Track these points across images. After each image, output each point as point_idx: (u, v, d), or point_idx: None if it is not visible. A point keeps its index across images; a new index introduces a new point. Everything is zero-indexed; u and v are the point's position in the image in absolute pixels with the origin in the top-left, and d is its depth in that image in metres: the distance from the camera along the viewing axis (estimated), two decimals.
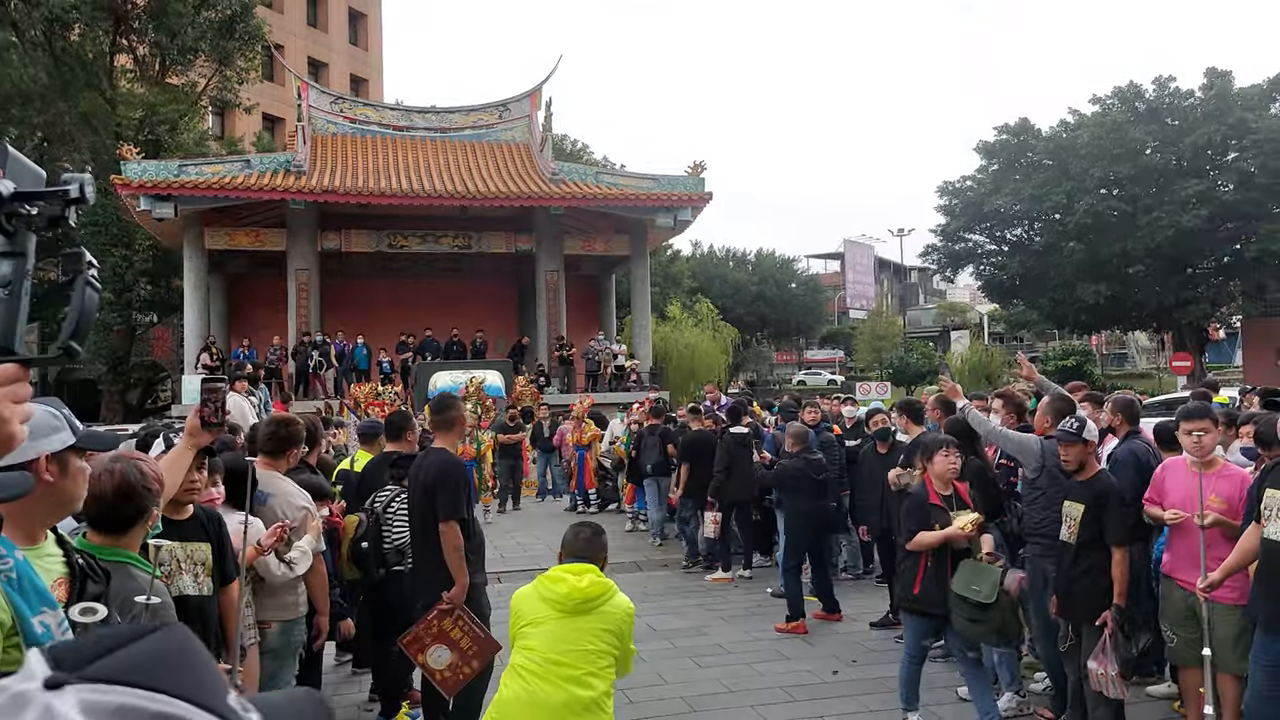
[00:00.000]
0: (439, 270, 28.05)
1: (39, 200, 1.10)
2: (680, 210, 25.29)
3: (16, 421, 1.16)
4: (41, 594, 2.36)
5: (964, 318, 67.58)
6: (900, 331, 59.22)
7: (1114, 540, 4.81)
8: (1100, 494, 4.90)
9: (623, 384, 24.78)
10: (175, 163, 23.43)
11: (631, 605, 3.81)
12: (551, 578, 3.72)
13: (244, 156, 26.65)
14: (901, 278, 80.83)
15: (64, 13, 25.04)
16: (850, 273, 73.73)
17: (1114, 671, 4.67)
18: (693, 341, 33.29)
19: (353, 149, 26.42)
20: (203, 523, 3.66)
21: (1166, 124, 33.50)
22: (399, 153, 26.59)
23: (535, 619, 3.66)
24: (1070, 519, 5.01)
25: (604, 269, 30.03)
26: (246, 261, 26.71)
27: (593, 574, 3.72)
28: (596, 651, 3.61)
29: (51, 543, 2.51)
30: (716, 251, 56.52)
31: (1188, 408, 4.95)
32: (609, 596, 3.72)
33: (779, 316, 55.26)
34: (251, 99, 33.09)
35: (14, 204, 1.08)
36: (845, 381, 47.62)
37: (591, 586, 3.67)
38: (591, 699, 3.58)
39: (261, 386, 14.10)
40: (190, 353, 23.83)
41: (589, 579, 3.68)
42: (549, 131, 27.38)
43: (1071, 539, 4.96)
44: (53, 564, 2.47)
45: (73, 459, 2.03)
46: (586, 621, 3.64)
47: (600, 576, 3.74)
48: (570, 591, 3.65)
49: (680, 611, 8.57)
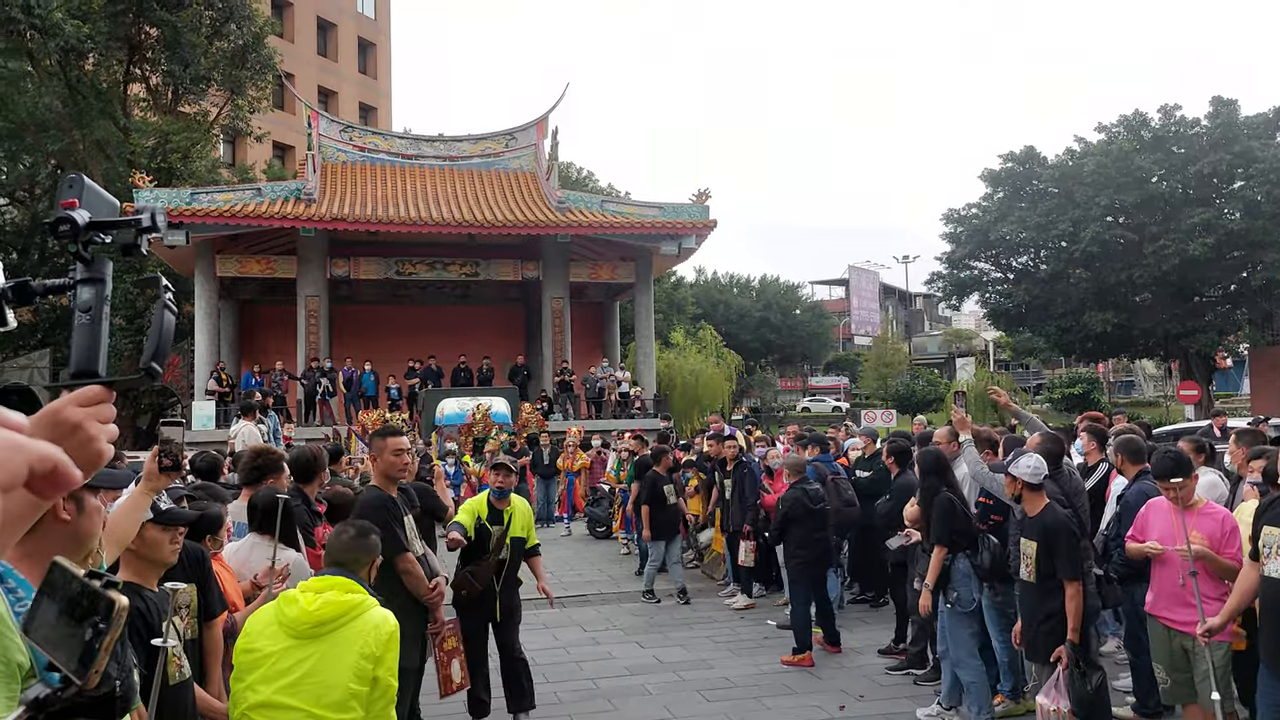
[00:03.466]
0: (447, 297, 28.19)
1: (114, 229, 1.15)
2: (685, 238, 25.41)
3: (103, 439, 1.21)
4: None
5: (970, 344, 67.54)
6: (905, 358, 59.16)
7: (1066, 574, 4.85)
8: (1048, 528, 4.94)
9: (626, 411, 24.81)
10: (187, 191, 23.66)
11: (392, 624, 3.11)
12: (286, 597, 3.14)
13: (255, 184, 26.89)
14: (907, 304, 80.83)
15: (79, 43, 25.36)
16: (855, 299, 73.78)
17: (1065, 708, 4.64)
18: (697, 368, 33.29)
19: (362, 177, 26.64)
20: (184, 564, 3.52)
21: (1172, 152, 33.58)
22: (408, 181, 26.80)
23: (260, 650, 3.03)
24: (1027, 557, 5.04)
25: (609, 295, 30.14)
26: (257, 288, 26.89)
27: (339, 589, 3.11)
28: (344, 694, 2.92)
29: None
30: (720, 278, 56.65)
31: (1158, 466, 4.88)
32: (356, 614, 3.05)
33: (783, 343, 55.30)
34: (263, 127, 33.42)
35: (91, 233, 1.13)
36: (850, 409, 47.52)
37: (325, 607, 3.03)
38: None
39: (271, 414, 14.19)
40: (200, 378, 23.93)
41: (328, 596, 3.07)
42: (555, 160, 27.59)
43: (1030, 577, 5.00)
44: None
45: (88, 497, 2.07)
46: (331, 649, 2.99)
47: (348, 592, 3.11)
48: (299, 615, 3.03)
49: (687, 644, 8.59)
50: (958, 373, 56.02)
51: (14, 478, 0.61)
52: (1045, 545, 4.90)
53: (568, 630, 9.21)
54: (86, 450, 1.20)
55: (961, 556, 6.04)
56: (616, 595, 10.90)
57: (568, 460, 16.82)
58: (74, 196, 1.14)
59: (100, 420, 1.22)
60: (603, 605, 10.42)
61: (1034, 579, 5.00)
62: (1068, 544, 4.87)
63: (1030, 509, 5.09)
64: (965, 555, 6.04)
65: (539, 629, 8.94)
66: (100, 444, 1.22)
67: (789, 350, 56.96)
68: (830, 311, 65.09)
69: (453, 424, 18.98)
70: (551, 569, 11.92)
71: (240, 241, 24.63)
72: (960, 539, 6.03)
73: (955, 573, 6.06)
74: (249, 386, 21.95)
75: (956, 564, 6.02)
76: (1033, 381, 58.24)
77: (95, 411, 1.22)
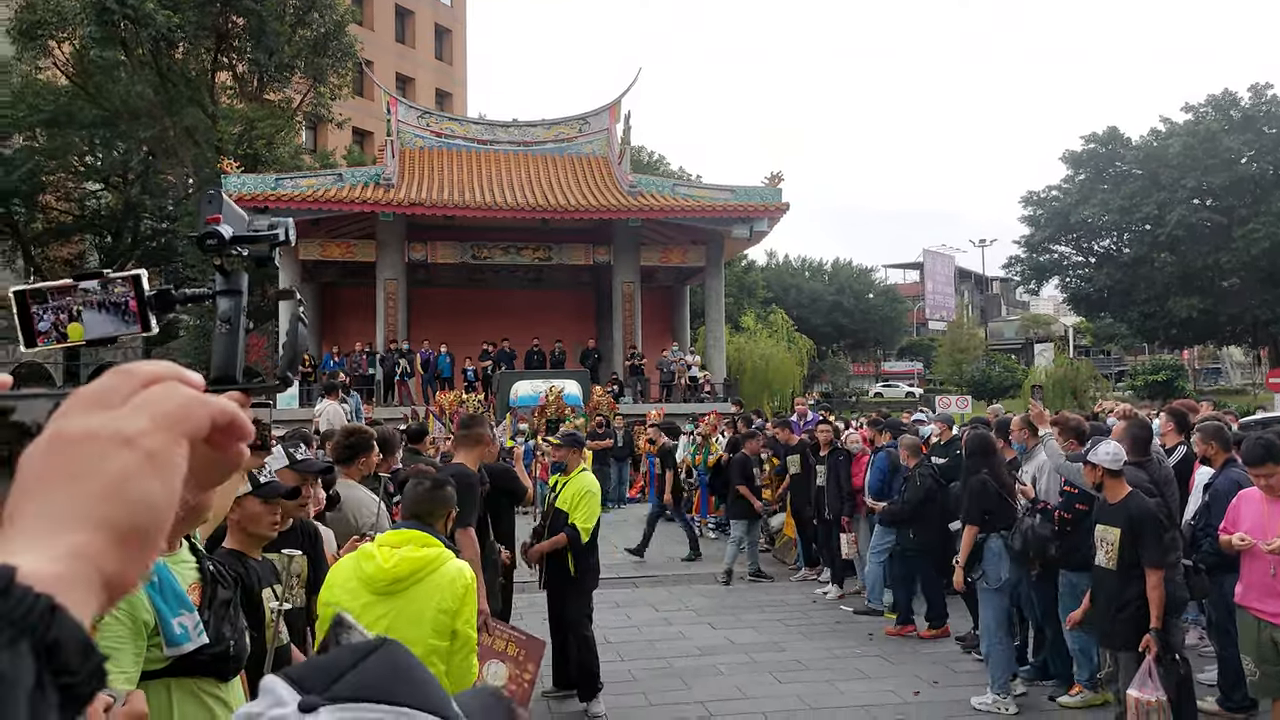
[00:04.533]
0: (520, 280, 28.50)
1: (253, 244, 1.23)
2: (756, 221, 25.28)
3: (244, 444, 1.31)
4: (180, 597, 2.55)
5: (1048, 330, 65.88)
6: (981, 344, 58.01)
7: (1150, 562, 4.78)
8: (1134, 516, 4.86)
9: (696, 395, 24.83)
10: (272, 176, 24.29)
11: (468, 576, 3.10)
12: (364, 552, 3.16)
13: (336, 170, 27.47)
14: (983, 289, 79.22)
15: (170, 32, 26.16)
16: (929, 283, 72.55)
17: (1162, 699, 4.55)
18: (767, 352, 33.11)
19: (439, 162, 27.03)
20: (300, 534, 3.75)
21: (1263, 132, 32.29)
22: (483, 166, 27.11)
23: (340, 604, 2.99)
24: (1106, 544, 4.96)
25: (679, 279, 30.14)
26: (338, 271, 27.51)
27: (415, 543, 3.11)
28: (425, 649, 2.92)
29: (186, 550, 2.71)
30: (792, 261, 56.18)
31: (1249, 453, 4.81)
32: (432, 569, 3.06)
33: (856, 327, 54.66)
34: (343, 114, 34.09)
35: (232, 246, 1.21)
36: (924, 394, 46.81)
37: (401, 563, 3.03)
38: None
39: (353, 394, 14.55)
40: None
41: (403, 552, 3.06)
42: (627, 144, 27.65)
43: (1110, 564, 4.91)
44: (187, 570, 2.67)
45: None
46: (409, 605, 2.99)
47: (424, 546, 3.11)
48: (376, 572, 3.03)
49: (758, 626, 8.62)
50: (1035, 359, 54.70)
51: (199, 428, 0.68)
52: (1130, 532, 4.82)
53: (641, 610, 9.32)
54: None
55: (994, 536, 6.33)
56: (688, 577, 10.99)
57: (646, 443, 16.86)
58: (217, 212, 1.21)
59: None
60: (674, 586, 10.51)
61: (1114, 566, 4.93)
62: (1154, 532, 4.80)
63: (1111, 496, 5.03)
64: (999, 535, 6.31)
65: (612, 608, 9.05)
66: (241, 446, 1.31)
67: (862, 335, 56.28)
68: (904, 296, 64.05)
69: (526, 405, 19.21)
70: (623, 550, 12.05)
71: (322, 226, 25.22)
72: (994, 519, 6.31)
73: (986, 551, 6.34)
74: (329, 368, 22.51)
75: (989, 543, 6.34)
76: (1114, 368, 56.59)
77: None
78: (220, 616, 2.61)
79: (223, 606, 2.65)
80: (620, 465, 17.03)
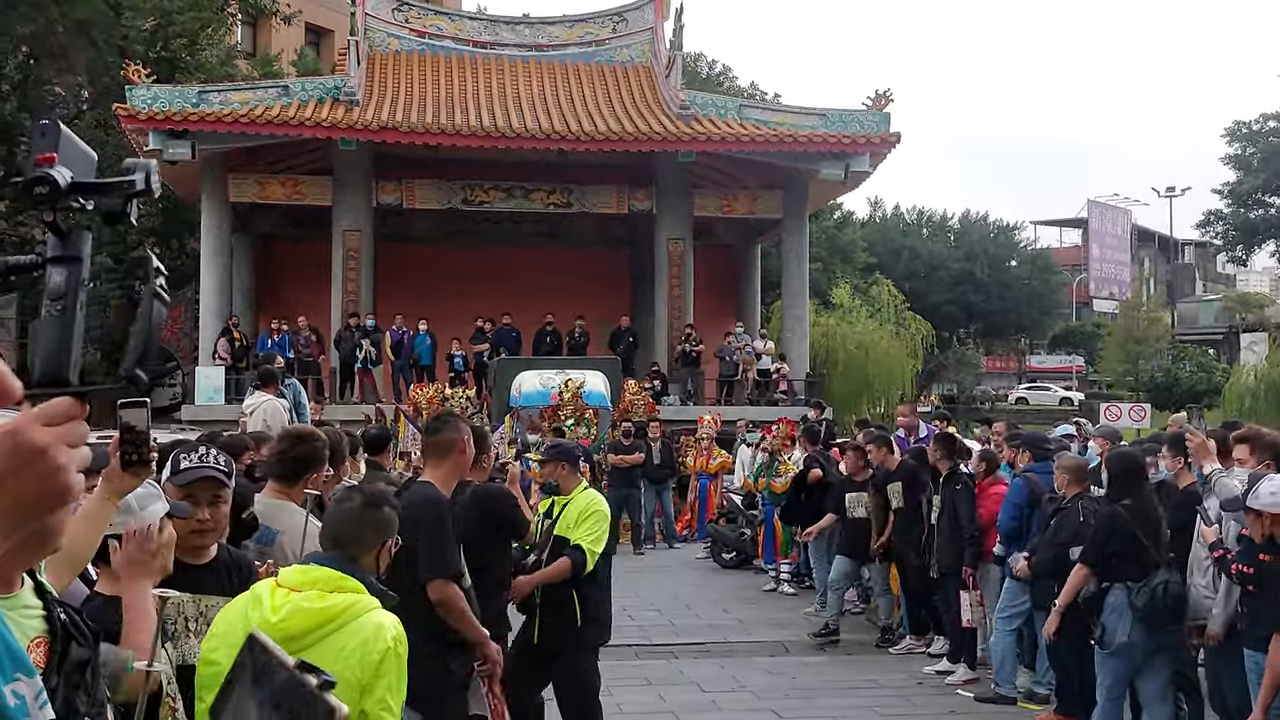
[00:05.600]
0: (529, 235, 28.57)
1: (98, 193, 1.18)
2: (854, 158, 25.05)
3: (73, 469, 1.26)
4: (15, 656, 2.53)
5: (1261, 315, 64.79)
6: (1167, 332, 57.28)
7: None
8: None
9: (767, 395, 24.72)
10: (194, 89, 24.54)
11: (389, 638, 3.00)
12: (255, 594, 3.12)
13: (281, 81, 27.70)
14: (1170, 256, 78.27)
15: None
16: (1096, 247, 71.79)
17: None
18: (867, 339, 32.95)
19: (420, 72, 27.13)
20: (227, 571, 3.67)
21: None
22: (480, 78, 27.17)
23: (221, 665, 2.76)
24: None
25: (745, 237, 30.03)
26: (280, 218, 27.74)
27: (322, 586, 3.06)
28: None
29: (29, 591, 2.68)
30: (905, 214, 55.89)
31: None
32: (339, 624, 3.00)
33: (992, 307, 54.26)
34: (292, 6, 34.24)
35: (72, 196, 1.15)
36: (1085, 400, 46.31)
37: (293, 616, 2.97)
38: None
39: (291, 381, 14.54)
40: (207, 336, 24.83)
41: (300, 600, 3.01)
42: (679, 50, 27.53)
43: None
44: (30, 618, 2.64)
45: None
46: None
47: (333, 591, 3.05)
48: (261, 624, 2.90)
49: (840, 715, 8.52)
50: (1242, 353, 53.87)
51: None
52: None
53: (679, 690, 9.23)
54: (52, 483, 1.23)
55: (1118, 587, 6.54)
56: (747, 646, 10.91)
57: (701, 459, 16.72)
58: (51, 149, 1.15)
59: (70, 444, 1.25)
60: (727, 658, 10.43)
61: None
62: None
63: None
64: (1124, 586, 6.50)
65: (640, 685, 9.02)
66: (69, 475, 1.26)
67: (1000, 318, 55.87)
68: (1059, 264, 63.47)
69: (533, 405, 19.08)
70: (659, 606, 12.01)
71: (261, 156, 25.41)
72: (1121, 564, 6.50)
73: (1106, 604, 6.58)
74: (265, 349, 22.67)
75: (1111, 594, 6.58)
76: None
77: (64, 433, 1.25)
78: (73, 684, 2.58)
79: (77, 670, 2.62)
80: (658, 489, 16.93)
